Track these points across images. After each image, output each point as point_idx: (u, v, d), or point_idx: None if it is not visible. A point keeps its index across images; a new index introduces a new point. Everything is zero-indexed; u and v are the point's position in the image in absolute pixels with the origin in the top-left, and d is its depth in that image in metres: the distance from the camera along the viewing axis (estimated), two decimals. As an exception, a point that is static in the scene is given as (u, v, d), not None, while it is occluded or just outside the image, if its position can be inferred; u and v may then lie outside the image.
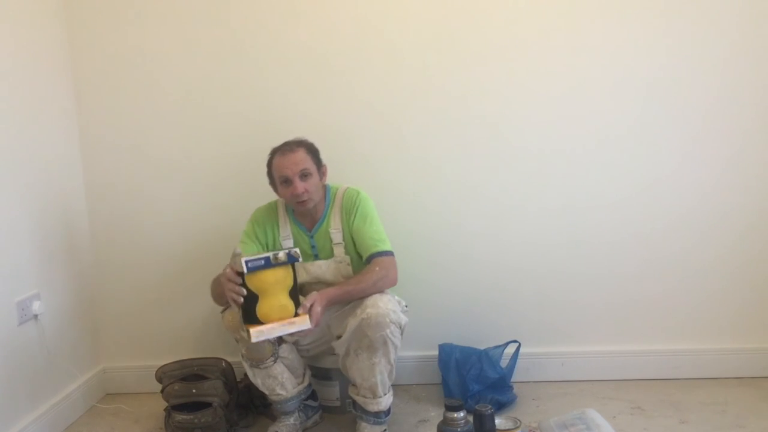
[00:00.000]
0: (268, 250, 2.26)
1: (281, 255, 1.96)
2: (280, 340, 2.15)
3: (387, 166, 2.59)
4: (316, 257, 2.29)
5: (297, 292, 2.02)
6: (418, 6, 2.51)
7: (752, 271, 2.58)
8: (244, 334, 1.96)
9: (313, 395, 2.37)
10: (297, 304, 2.00)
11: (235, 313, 2.05)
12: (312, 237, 2.28)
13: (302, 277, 2.25)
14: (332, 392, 2.41)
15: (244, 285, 1.93)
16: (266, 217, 2.32)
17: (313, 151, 2.25)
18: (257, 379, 2.19)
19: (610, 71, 2.51)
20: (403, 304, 2.19)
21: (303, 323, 1.97)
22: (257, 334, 1.92)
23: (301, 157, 2.19)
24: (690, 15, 2.47)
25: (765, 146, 2.52)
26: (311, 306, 2.00)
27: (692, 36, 2.48)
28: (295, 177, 2.17)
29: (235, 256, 1.96)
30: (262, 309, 1.95)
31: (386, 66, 2.54)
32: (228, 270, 1.96)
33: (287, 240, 2.28)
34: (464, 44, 2.52)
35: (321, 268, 2.27)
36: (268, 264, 1.94)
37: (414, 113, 2.56)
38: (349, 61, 2.55)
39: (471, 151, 2.58)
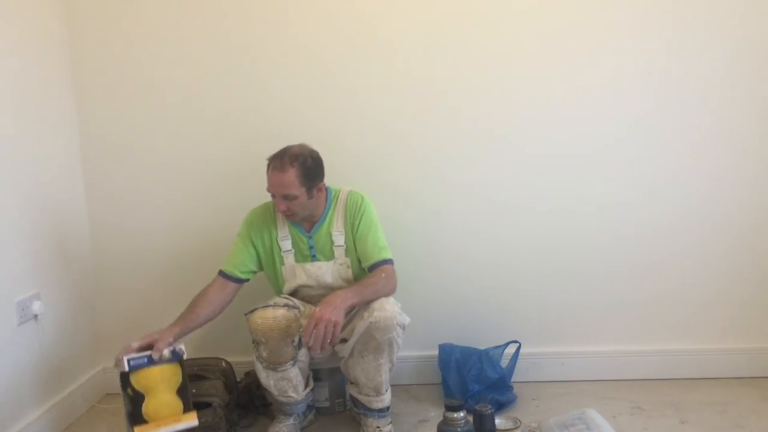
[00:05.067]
0: (265, 253, 2.28)
1: (166, 353, 1.98)
2: (299, 344, 2.14)
3: (387, 167, 2.59)
4: (314, 258, 2.28)
5: (187, 390, 2.00)
6: (419, 8, 2.51)
7: (752, 271, 2.58)
8: None
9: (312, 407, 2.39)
10: (187, 402, 1.98)
11: (266, 316, 2.08)
12: (311, 237, 2.27)
13: (301, 279, 2.26)
14: (322, 393, 2.42)
15: (129, 385, 1.93)
16: (262, 218, 2.30)
17: (306, 170, 2.13)
18: (270, 380, 2.18)
19: (610, 73, 2.51)
20: (399, 305, 2.20)
21: (190, 421, 1.96)
22: None
23: (288, 181, 2.10)
24: (692, 17, 2.47)
25: (765, 148, 2.53)
26: (315, 325, 1.97)
27: (694, 38, 2.48)
28: (278, 196, 2.15)
29: (117, 362, 1.96)
30: (148, 407, 1.93)
31: (385, 68, 2.54)
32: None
33: (285, 240, 2.27)
34: (465, 46, 2.52)
35: (321, 269, 2.26)
36: (152, 362, 1.96)
37: (414, 114, 2.56)
38: (348, 64, 2.55)
39: (471, 151, 2.58)
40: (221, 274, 2.27)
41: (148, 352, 1.97)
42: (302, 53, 2.55)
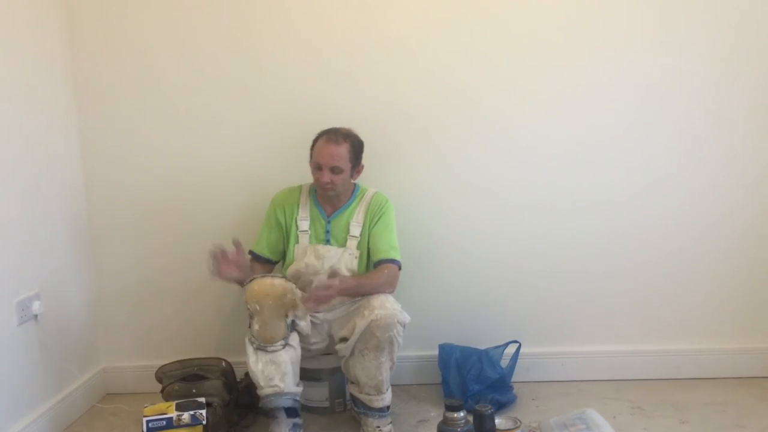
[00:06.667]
0: (285, 229, 2.36)
1: (185, 417, 2.03)
2: (292, 326, 2.16)
3: (388, 165, 2.58)
4: (328, 242, 2.33)
5: None
6: (424, 4, 2.51)
7: (752, 271, 2.58)
8: None
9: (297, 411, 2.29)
10: None
11: (264, 282, 2.13)
12: (329, 222, 2.34)
13: (309, 258, 2.31)
14: (321, 393, 2.42)
15: None
16: (287, 198, 2.39)
17: (356, 149, 2.30)
18: (258, 364, 2.12)
19: (610, 72, 2.51)
20: (399, 304, 2.20)
21: None
22: None
23: (341, 154, 2.24)
24: (690, 15, 2.48)
25: (764, 147, 2.53)
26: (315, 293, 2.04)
27: (692, 37, 2.49)
28: (326, 167, 2.22)
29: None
30: None
31: (393, 66, 2.54)
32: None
33: (304, 221, 2.34)
34: (467, 44, 2.52)
35: (330, 252, 2.31)
36: (170, 425, 2.02)
37: (416, 112, 2.56)
38: (352, 59, 2.54)
39: (471, 151, 2.58)
40: (252, 254, 2.36)
41: (167, 414, 2.04)
42: (306, 52, 2.55)
